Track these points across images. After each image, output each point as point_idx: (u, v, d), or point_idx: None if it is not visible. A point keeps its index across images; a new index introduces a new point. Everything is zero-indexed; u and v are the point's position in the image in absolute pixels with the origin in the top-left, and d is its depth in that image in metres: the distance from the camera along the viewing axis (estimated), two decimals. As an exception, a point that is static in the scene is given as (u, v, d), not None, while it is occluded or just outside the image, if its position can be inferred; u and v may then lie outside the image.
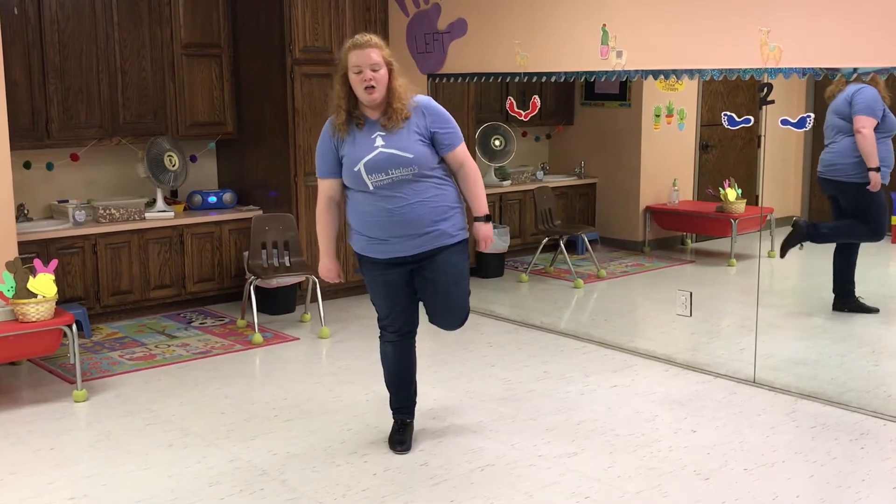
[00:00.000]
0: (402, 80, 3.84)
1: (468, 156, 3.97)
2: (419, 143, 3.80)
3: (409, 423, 4.21)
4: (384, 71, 3.77)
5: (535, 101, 6.12)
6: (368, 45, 3.77)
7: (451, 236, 3.90)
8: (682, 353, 5.41)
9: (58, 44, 5.94)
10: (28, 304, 4.59)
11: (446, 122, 3.90)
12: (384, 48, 3.82)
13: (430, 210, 3.82)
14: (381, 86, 3.76)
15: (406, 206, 3.78)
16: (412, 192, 3.79)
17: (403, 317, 4.04)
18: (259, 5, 6.49)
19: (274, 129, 6.55)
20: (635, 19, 5.19)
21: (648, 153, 8.09)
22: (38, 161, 6.19)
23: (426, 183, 3.82)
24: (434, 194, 3.84)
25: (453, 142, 3.90)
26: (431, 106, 3.90)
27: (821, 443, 4.12)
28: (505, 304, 6.75)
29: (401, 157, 3.75)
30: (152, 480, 3.82)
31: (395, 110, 3.78)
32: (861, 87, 5.67)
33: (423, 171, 3.80)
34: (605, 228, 8.29)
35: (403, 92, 3.83)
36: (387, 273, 3.92)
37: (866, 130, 5.62)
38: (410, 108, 3.83)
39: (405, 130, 3.80)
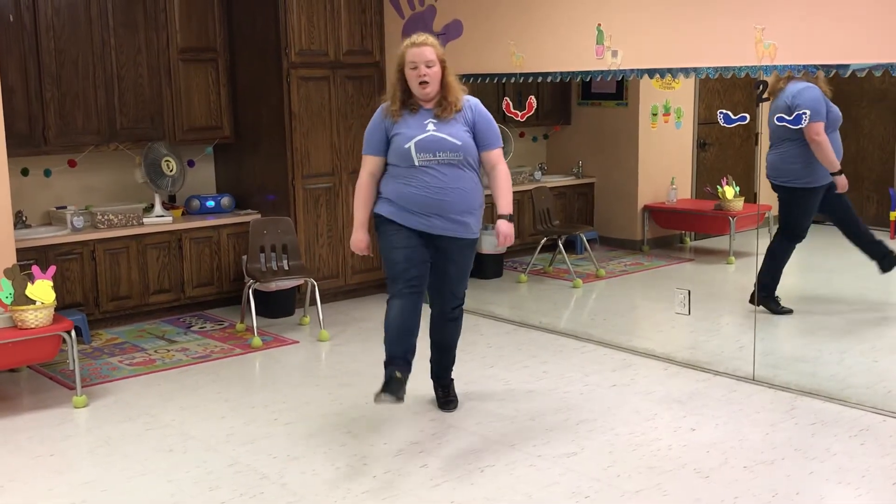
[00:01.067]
0: (454, 78, 4.23)
1: (503, 160, 4.31)
2: (466, 133, 4.18)
3: (400, 378, 4.03)
4: (437, 68, 4.16)
5: (531, 101, 6.11)
6: (425, 45, 4.17)
7: (472, 232, 4.29)
8: (681, 351, 5.41)
9: (54, 50, 5.95)
10: (27, 311, 4.59)
11: (490, 123, 4.28)
12: (438, 47, 4.19)
13: (464, 199, 4.18)
14: (434, 81, 4.15)
15: (445, 187, 4.14)
16: (454, 177, 4.15)
17: (416, 269, 4.22)
18: (255, 9, 6.49)
19: (271, 132, 6.55)
20: (630, 19, 5.19)
21: (646, 152, 8.09)
22: (36, 168, 6.19)
23: (467, 173, 4.19)
24: (471, 187, 4.21)
25: (493, 142, 4.26)
26: (480, 106, 4.29)
27: (820, 439, 4.12)
28: (504, 304, 6.75)
29: (449, 142, 4.13)
30: (152, 485, 3.82)
31: (449, 102, 4.18)
32: (801, 87, 5.51)
33: (468, 158, 4.17)
34: (603, 228, 8.29)
35: (457, 87, 4.23)
36: (410, 236, 4.20)
37: (819, 137, 5.50)
38: (462, 102, 4.21)
39: (455, 121, 4.18)
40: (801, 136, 5.56)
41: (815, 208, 5.82)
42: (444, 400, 4.62)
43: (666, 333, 5.94)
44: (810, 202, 5.77)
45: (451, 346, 4.60)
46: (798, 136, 5.58)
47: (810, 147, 5.57)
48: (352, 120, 6.71)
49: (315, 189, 6.60)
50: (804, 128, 5.39)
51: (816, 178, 5.68)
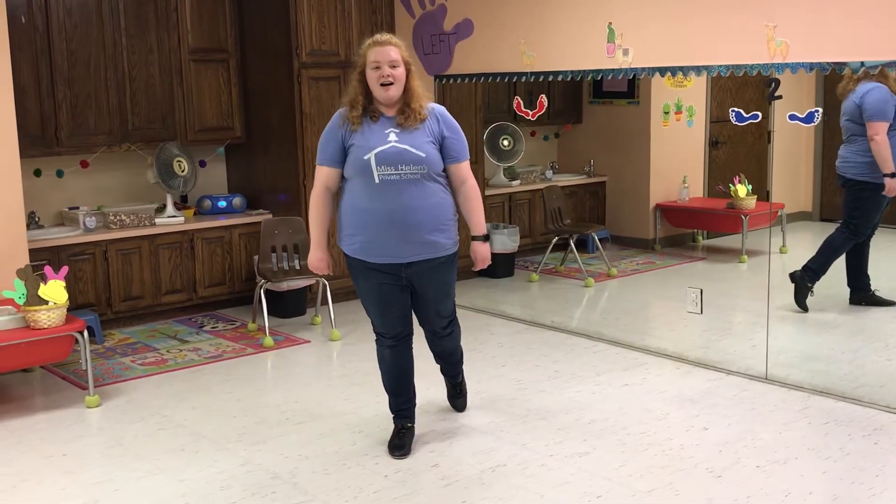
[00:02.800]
0: (419, 83, 3.89)
1: (471, 174, 4.00)
2: (430, 144, 3.83)
3: (410, 427, 4.17)
4: (402, 69, 3.82)
5: (542, 100, 6.11)
6: (388, 43, 3.82)
7: (445, 249, 3.94)
8: (693, 350, 5.39)
9: (66, 51, 5.97)
10: (39, 311, 4.61)
11: (458, 133, 3.96)
12: (403, 48, 3.87)
13: (431, 217, 3.84)
14: (398, 83, 3.81)
15: (409, 206, 3.78)
16: (417, 194, 3.79)
17: (399, 324, 4.04)
18: (266, 10, 6.50)
19: (282, 132, 6.56)
20: (641, 17, 5.18)
21: (658, 151, 8.07)
22: (49, 168, 6.22)
23: (432, 187, 3.84)
24: (437, 202, 3.86)
25: (460, 155, 3.94)
26: (446, 115, 3.96)
27: (834, 439, 4.10)
28: (515, 303, 6.74)
29: (413, 154, 3.77)
30: (164, 485, 3.83)
31: (412, 110, 3.82)
32: (870, 88, 5.59)
33: (432, 173, 3.83)
34: (615, 226, 8.27)
35: (421, 93, 3.89)
36: (380, 278, 3.91)
37: (879, 137, 5.54)
38: (427, 111, 3.87)
39: (419, 131, 3.83)
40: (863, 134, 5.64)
41: (883, 205, 5.81)
42: (452, 394, 4.55)
43: (678, 332, 5.92)
44: (879, 198, 5.73)
45: (452, 353, 4.38)
46: (864, 134, 5.64)
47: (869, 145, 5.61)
48: (363, 119, 6.70)
49: (326, 189, 6.59)
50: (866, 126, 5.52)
51: None
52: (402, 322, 4.04)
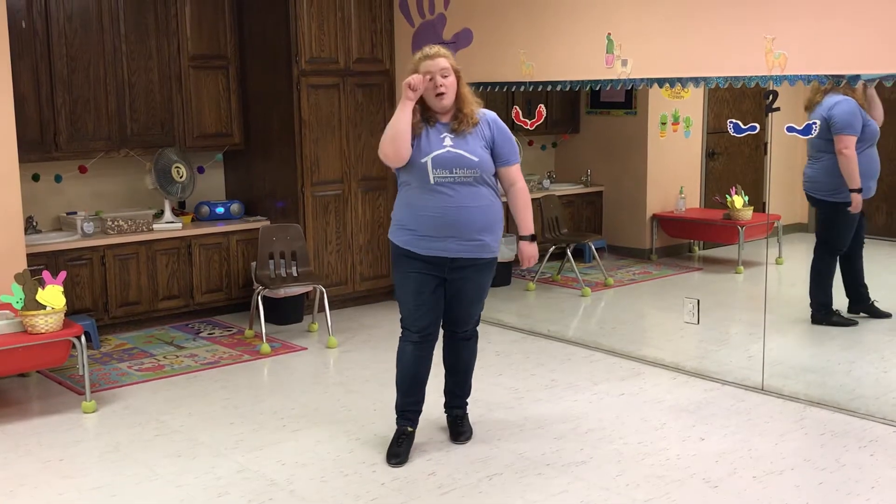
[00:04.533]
0: (468, 90, 4.07)
1: (521, 177, 4.15)
2: (483, 149, 4.00)
3: (411, 433, 4.18)
4: (453, 77, 3.98)
5: (540, 109, 6.13)
6: (438, 55, 3.98)
7: (491, 251, 4.08)
8: (689, 360, 5.40)
9: (66, 56, 5.98)
10: (37, 316, 4.61)
11: (509, 137, 4.11)
12: (452, 58, 4.03)
13: (481, 217, 3.98)
14: (450, 91, 3.97)
15: (461, 206, 3.94)
16: (469, 195, 3.96)
17: (428, 317, 4.09)
18: (265, 17, 6.52)
19: (281, 139, 6.57)
20: (640, 28, 5.20)
21: (655, 161, 8.08)
22: (47, 173, 6.22)
23: (484, 190, 4.00)
24: (488, 203, 4.01)
25: (511, 158, 4.09)
26: (497, 120, 4.11)
27: (830, 450, 4.11)
28: (512, 312, 6.75)
29: (467, 159, 3.94)
30: (161, 491, 3.82)
31: (465, 115, 3.99)
32: (838, 100, 5.54)
33: (484, 176, 3.99)
34: (612, 236, 8.28)
35: (472, 99, 4.06)
36: (422, 270, 4.02)
37: (848, 151, 5.52)
38: (478, 116, 4.03)
39: (472, 136, 3.99)
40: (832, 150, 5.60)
41: (856, 221, 5.79)
42: (456, 431, 4.33)
43: (675, 342, 5.93)
44: (852, 215, 5.72)
45: (467, 371, 4.35)
46: (832, 149, 5.60)
47: (837, 159, 5.58)
48: (361, 128, 6.73)
49: (324, 196, 6.61)
50: (835, 139, 5.46)
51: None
52: (431, 316, 4.09)
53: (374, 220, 6.91)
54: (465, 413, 4.41)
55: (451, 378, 4.36)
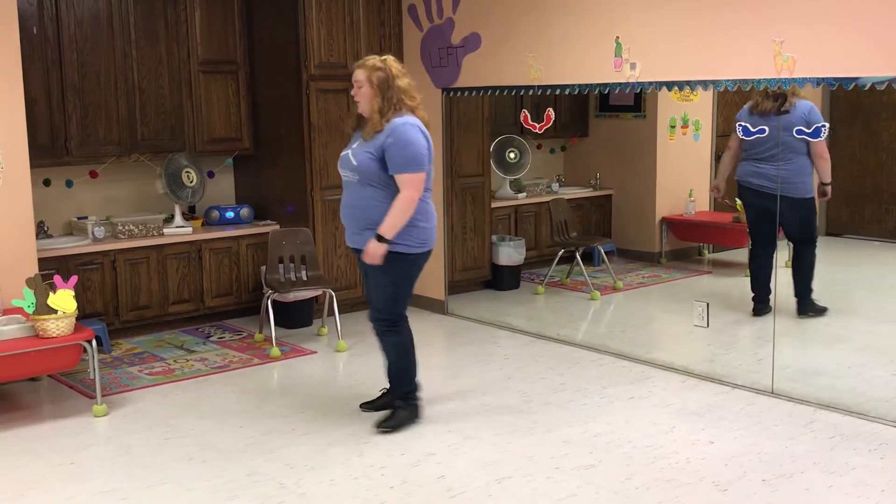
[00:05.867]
0: (384, 101, 4.29)
1: (410, 190, 4.28)
2: (368, 154, 4.30)
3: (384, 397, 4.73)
4: (367, 88, 4.31)
5: (549, 113, 6.14)
6: (357, 67, 4.38)
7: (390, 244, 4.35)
8: (699, 364, 5.40)
9: (76, 62, 6.01)
10: (48, 320, 4.63)
11: (401, 148, 4.25)
12: (372, 69, 4.31)
13: (360, 215, 4.37)
14: (362, 101, 4.35)
15: (346, 203, 4.45)
16: (355, 195, 4.39)
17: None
18: (274, 22, 6.54)
19: (290, 144, 6.59)
20: (649, 31, 5.20)
21: (664, 164, 8.07)
22: (58, 178, 6.25)
23: (369, 191, 4.32)
24: (370, 204, 4.33)
25: (396, 168, 4.27)
26: (399, 130, 4.27)
27: (840, 453, 4.11)
28: (521, 316, 6.75)
29: (349, 162, 4.38)
30: (171, 495, 3.84)
31: (369, 123, 4.33)
32: (810, 105, 5.83)
33: (366, 180, 4.32)
34: (621, 240, 8.27)
35: (376, 109, 4.29)
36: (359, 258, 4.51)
37: (827, 154, 5.93)
38: (385, 125, 4.27)
39: (369, 142, 4.31)
40: (808, 150, 5.89)
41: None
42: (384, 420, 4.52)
43: (684, 346, 5.92)
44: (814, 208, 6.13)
45: (389, 360, 4.60)
46: (806, 150, 5.90)
47: (815, 161, 5.93)
48: (370, 132, 6.73)
49: (333, 200, 6.61)
50: (816, 142, 5.71)
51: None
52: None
53: (384, 224, 6.91)
54: (396, 406, 4.58)
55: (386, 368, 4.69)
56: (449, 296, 6.87)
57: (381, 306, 4.50)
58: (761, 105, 5.95)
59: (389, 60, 4.36)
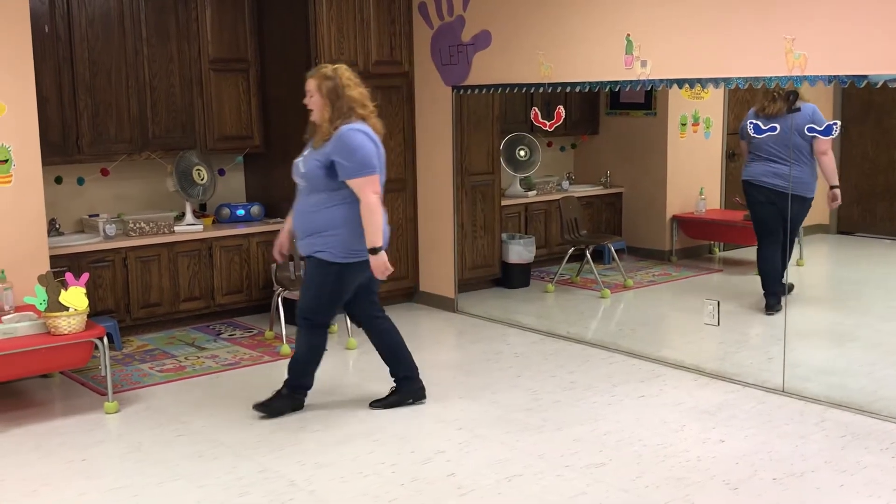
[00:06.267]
0: (333, 110, 4.38)
1: (367, 193, 4.35)
2: (315, 162, 4.39)
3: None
4: (316, 97, 4.44)
5: (559, 111, 6.13)
6: (310, 76, 4.50)
7: (317, 250, 4.46)
8: (710, 362, 5.38)
9: (88, 60, 6.03)
10: (60, 317, 4.65)
11: (348, 154, 4.33)
12: (322, 78, 4.42)
13: (306, 220, 4.47)
14: (315, 109, 4.46)
15: (297, 209, 4.54)
16: (304, 201, 4.50)
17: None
18: (285, 20, 6.55)
19: (300, 142, 6.53)
20: (660, 29, 5.19)
21: (675, 162, 8.06)
22: (69, 176, 6.28)
23: (318, 198, 4.42)
24: (316, 210, 4.43)
25: (346, 175, 4.35)
26: (344, 137, 4.35)
27: (851, 452, 4.09)
28: (531, 314, 6.74)
29: (299, 170, 4.50)
30: (182, 492, 3.85)
31: (318, 131, 4.44)
32: (814, 107, 5.92)
33: (313, 187, 4.43)
34: (631, 238, 8.27)
35: (326, 118, 4.40)
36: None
37: (831, 152, 6.02)
38: (333, 133, 4.35)
39: (319, 150, 4.40)
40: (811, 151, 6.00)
41: None
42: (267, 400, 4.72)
43: (695, 344, 5.91)
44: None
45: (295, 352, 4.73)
46: (811, 151, 6.00)
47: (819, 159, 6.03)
48: (380, 129, 6.74)
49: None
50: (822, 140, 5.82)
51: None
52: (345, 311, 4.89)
53: (394, 222, 6.91)
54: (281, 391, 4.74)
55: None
56: (459, 294, 6.87)
57: (304, 306, 4.62)
58: (768, 108, 5.99)
59: (341, 69, 4.49)
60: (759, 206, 6.34)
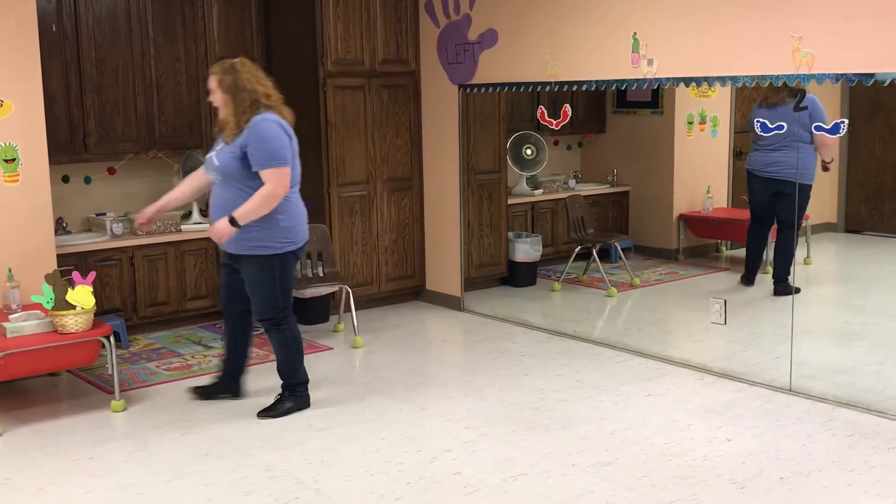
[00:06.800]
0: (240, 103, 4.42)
1: (273, 181, 4.40)
2: (230, 154, 4.42)
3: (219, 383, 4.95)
4: (218, 93, 4.48)
5: (566, 109, 6.12)
6: (210, 74, 4.55)
7: (248, 248, 4.49)
8: (716, 361, 5.37)
9: (95, 59, 6.04)
10: (67, 316, 4.66)
11: (260, 144, 4.38)
12: (223, 73, 4.47)
13: (223, 215, 4.42)
14: (220, 106, 4.51)
15: (214, 204, 4.53)
16: (220, 195, 4.51)
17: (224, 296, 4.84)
18: (291, 19, 6.55)
19: (307, 141, 6.57)
20: (666, 27, 5.18)
21: (681, 161, 8.05)
22: (76, 175, 6.29)
23: (232, 191, 4.44)
24: (234, 205, 4.41)
25: (258, 164, 4.39)
26: (257, 127, 4.40)
27: (858, 451, 4.08)
28: (537, 312, 6.74)
29: (214, 164, 4.50)
30: (188, 490, 3.86)
31: (227, 125, 4.48)
32: (814, 98, 6.09)
33: (230, 179, 4.44)
34: (638, 236, 8.25)
35: (230, 113, 4.45)
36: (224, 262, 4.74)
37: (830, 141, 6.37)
38: (244, 126, 4.39)
39: (231, 143, 4.43)
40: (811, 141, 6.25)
41: None
42: (269, 407, 4.73)
43: (701, 343, 5.90)
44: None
45: (279, 359, 4.76)
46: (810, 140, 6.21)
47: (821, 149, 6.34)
48: (387, 129, 6.75)
49: (350, 197, 6.64)
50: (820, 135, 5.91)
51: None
52: (225, 297, 4.79)
53: (400, 221, 6.92)
54: (282, 395, 4.76)
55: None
56: (465, 292, 6.87)
57: (261, 308, 4.64)
58: (770, 98, 6.15)
59: (239, 64, 4.53)
60: (757, 194, 6.71)
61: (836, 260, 6.02)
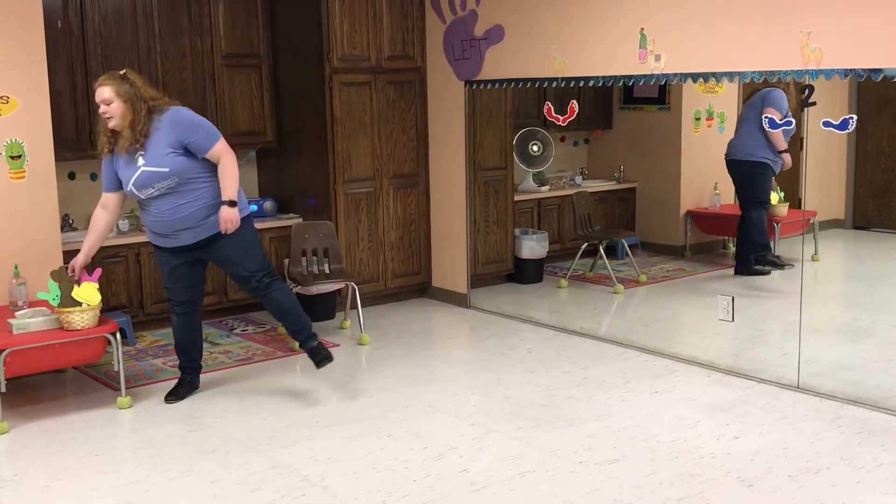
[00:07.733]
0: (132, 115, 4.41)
1: (225, 151, 4.56)
2: (171, 154, 4.43)
3: (190, 380, 4.98)
4: (116, 104, 4.42)
5: (572, 105, 6.10)
6: (100, 85, 4.46)
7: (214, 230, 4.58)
8: (724, 358, 5.36)
9: (101, 56, 6.03)
10: (73, 313, 4.66)
11: (195, 129, 4.50)
12: (121, 84, 4.43)
13: (194, 211, 4.52)
14: (115, 116, 4.43)
15: (174, 215, 4.51)
16: (175, 202, 4.49)
17: (186, 293, 4.81)
18: (298, 15, 6.54)
19: (313, 137, 6.59)
20: (674, 23, 5.16)
21: (689, 157, 8.03)
22: (83, 172, 6.29)
23: (189, 188, 4.49)
24: (196, 197, 4.51)
25: (205, 145, 4.50)
26: (179, 119, 4.50)
27: (867, 449, 4.06)
28: (544, 309, 6.73)
29: (155, 175, 4.43)
30: (195, 487, 3.85)
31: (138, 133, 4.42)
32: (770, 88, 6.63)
33: (183, 178, 4.47)
34: (645, 233, 8.23)
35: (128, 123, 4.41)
36: (171, 257, 4.71)
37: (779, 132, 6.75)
38: (155, 125, 4.44)
39: (160, 146, 4.42)
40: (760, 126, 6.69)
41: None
42: (314, 359, 4.86)
43: (709, 340, 5.88)
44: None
45: (289, 312, 4.82)
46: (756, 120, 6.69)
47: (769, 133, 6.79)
48: (393, 125, 6.74)
49: (356, 193, 6.63)
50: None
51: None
52: (189, 292, 4.83)
53: (406, 218, 6.91)
54: (316, 343, 4.85)
55: (283, 322, 4.91)
56: (471, 289, 6.86)
57: (256, 266, 4.74)
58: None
59: (129, 73, 4.53)
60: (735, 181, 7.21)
61: (844, 257, 6.00)
